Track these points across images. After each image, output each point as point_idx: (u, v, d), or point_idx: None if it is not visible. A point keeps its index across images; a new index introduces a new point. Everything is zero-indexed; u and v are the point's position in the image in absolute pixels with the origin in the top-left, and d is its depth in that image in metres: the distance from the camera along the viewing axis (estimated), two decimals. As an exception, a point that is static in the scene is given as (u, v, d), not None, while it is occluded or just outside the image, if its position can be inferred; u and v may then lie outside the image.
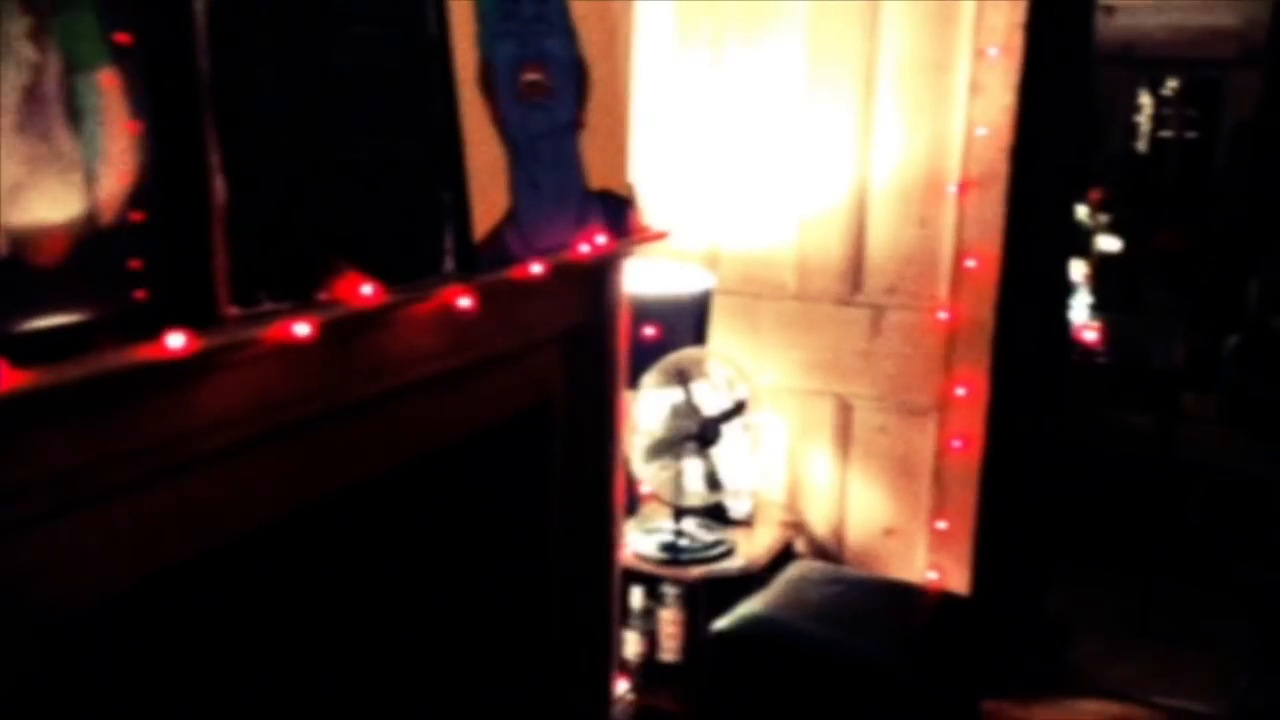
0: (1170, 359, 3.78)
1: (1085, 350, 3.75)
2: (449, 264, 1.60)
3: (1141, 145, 9.49)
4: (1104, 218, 7.21)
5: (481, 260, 1.63)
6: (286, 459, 1.40)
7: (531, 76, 1.75)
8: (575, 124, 1.88)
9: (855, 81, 2.95)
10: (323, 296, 1.35)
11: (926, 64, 2.88)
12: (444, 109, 1.58)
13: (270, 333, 1.24)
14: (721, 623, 2.59)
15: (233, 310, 1.22)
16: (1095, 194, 7.52)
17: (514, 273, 1.69)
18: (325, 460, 1.48)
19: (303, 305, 1.31)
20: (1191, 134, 9.01)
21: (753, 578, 2.76)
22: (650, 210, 2.93)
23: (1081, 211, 4.60)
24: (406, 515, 1.84)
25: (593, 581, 2.25)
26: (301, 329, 1.27)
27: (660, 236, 2.27)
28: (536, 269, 1.72)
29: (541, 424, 2.04)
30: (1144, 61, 8.03)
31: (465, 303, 1.58)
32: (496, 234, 1.66)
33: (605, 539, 2.25)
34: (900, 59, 2.90)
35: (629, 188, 2.18)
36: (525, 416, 1.98)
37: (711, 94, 3.11)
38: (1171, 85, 9.20)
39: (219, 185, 1.20)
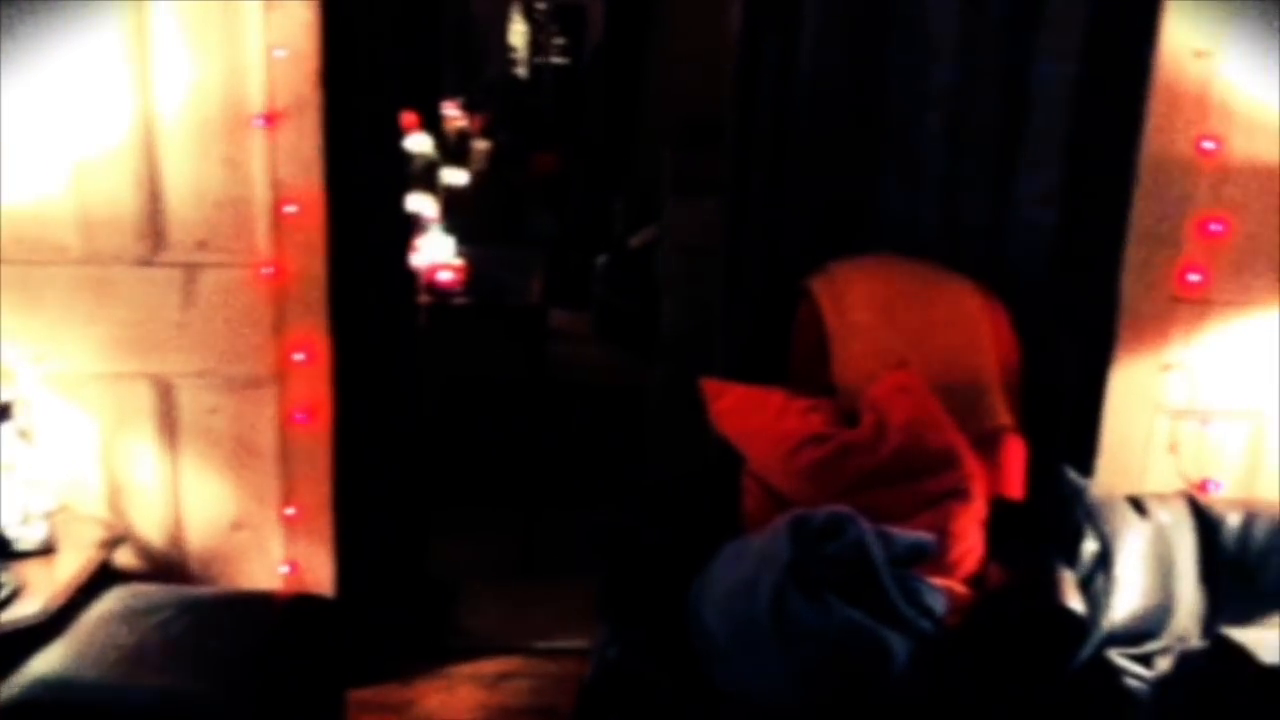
0: (527, 296, 3.70)
1: (443, 291, 3.54)
2: None
3: (522, 71, 9.76)
4: (484, 144, 7.25)
5: None
6: None
7: None
8: None
9: (120, -8, 2.39)
10: None
11: (207, -28, 2.40)
12: None
13: None
14: (4, 692, 2.02)
15: None
16: (478, 121, 7.54)
17: None
18: None
19: None
20: (562, 59, 9.43)
21: (55, 622, 2.20)
22: None
23: (421, 142, 4.39)
24: None
25: None
26: None
27: None
28: None
29: None
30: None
31: None
32: None
33: None
34: (174, -34, 2.39)
35: None
36: None
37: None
38: (542, 10, 9.53)
39: None
